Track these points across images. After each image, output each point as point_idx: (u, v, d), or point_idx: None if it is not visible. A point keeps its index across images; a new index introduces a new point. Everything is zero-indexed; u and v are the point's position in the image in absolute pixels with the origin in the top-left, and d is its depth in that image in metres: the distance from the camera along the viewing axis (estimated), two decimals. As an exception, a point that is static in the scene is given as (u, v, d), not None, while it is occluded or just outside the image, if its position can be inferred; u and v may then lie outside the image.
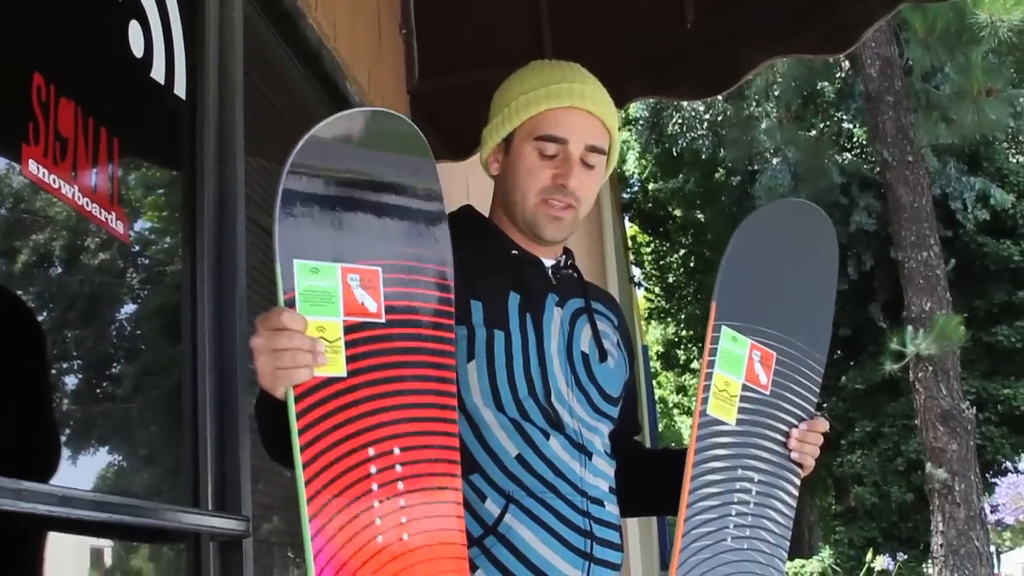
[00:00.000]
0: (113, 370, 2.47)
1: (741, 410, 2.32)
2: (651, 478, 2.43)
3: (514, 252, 2.30)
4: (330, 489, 1.77)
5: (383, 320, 1.90)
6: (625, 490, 2.33)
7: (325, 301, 1.82)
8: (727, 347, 2.31)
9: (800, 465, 2.38)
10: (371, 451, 1.84)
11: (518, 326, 2.19)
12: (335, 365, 1.81)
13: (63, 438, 2.20)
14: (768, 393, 2.36)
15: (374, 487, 1.83)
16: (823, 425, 2.39)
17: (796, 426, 2.37)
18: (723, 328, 2.30)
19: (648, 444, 9.01)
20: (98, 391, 2.41)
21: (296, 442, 1.75)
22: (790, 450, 2.36)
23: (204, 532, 2.34)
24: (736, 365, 2.31)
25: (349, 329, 1.85)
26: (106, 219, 2.09)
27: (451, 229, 2.29)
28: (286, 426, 1.77)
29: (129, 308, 2.54)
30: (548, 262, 2.33)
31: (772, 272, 2.40)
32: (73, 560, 2.28)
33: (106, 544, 2.41)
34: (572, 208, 2.26)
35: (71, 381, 2.32)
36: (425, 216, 2.02)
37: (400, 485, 1.87)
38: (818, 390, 2.44)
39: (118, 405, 2.45)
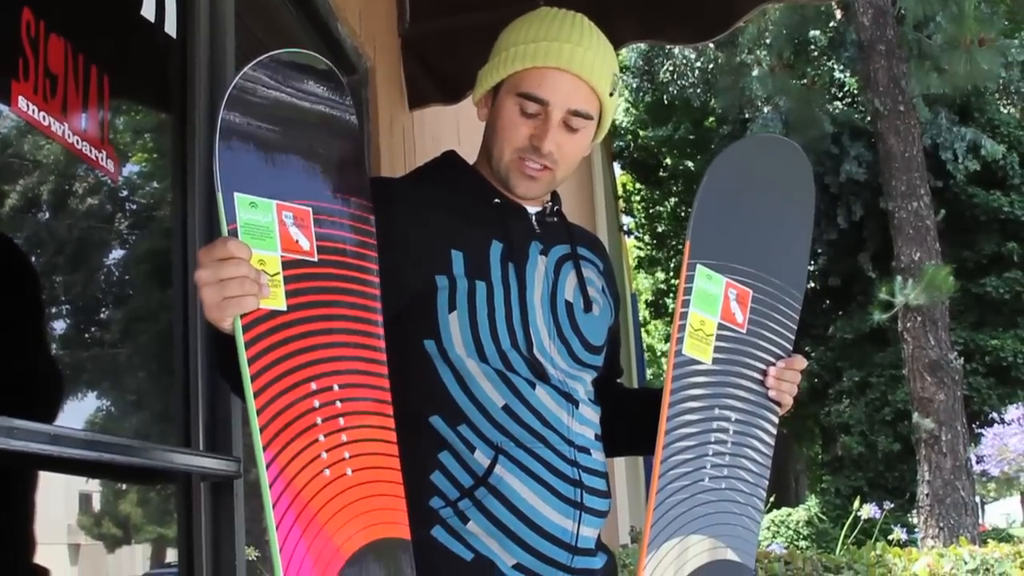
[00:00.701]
0: (103, 315, 2.47)
1: (717, 349, 2.30)
2: (629, 417, 2.43)
3: (497, 201, 2.26)
4: (280, 420, 1.80)
5: (315, 259, 1.93)
6: (606, 430, 2.33)
7: (264, 235, 1.85)
8: (702, 285, 2.29)
9: (778, 403, 2.37)
10: (313, 385, 1.87)
11: (500, 277, 2.17)
12: (276, 299, 1.84)
13: (55, 384, 2.20)
14: (744, 331, 2.35)
15: (318, 420, 1.86)
16: (801, 363, 2.38)
17: (774, 364, 2.36)
18: (698, 266, 2.28)
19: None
20: (87, 336, 2.41)
21: (246, 373, 1.77)
22: (768, 388, 2.35)
23: (195, 472, 2.35)
24: (711, 304, 2.30)
25: (285, 265, 1.87)
26: (96, 158, 2.09)
27: (431, 175, 2.30)
28: (236, 359, 1.79)
29: (119, 252, 2.53)
30: (532, 210, 2.30)
31: (747, 209, 2.37)
32: (63, 501, 2.29)
33: (97, 488, 2.42)
34: (549, 170, 2.21)
35: (60, 324, 2.32)
36: (345, 159, 2.05)
37: (341, 421, 1.90)
38: (795, 327, 2.42)
39: (107, 350, 2.45)
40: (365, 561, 1.86)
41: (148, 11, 2.33)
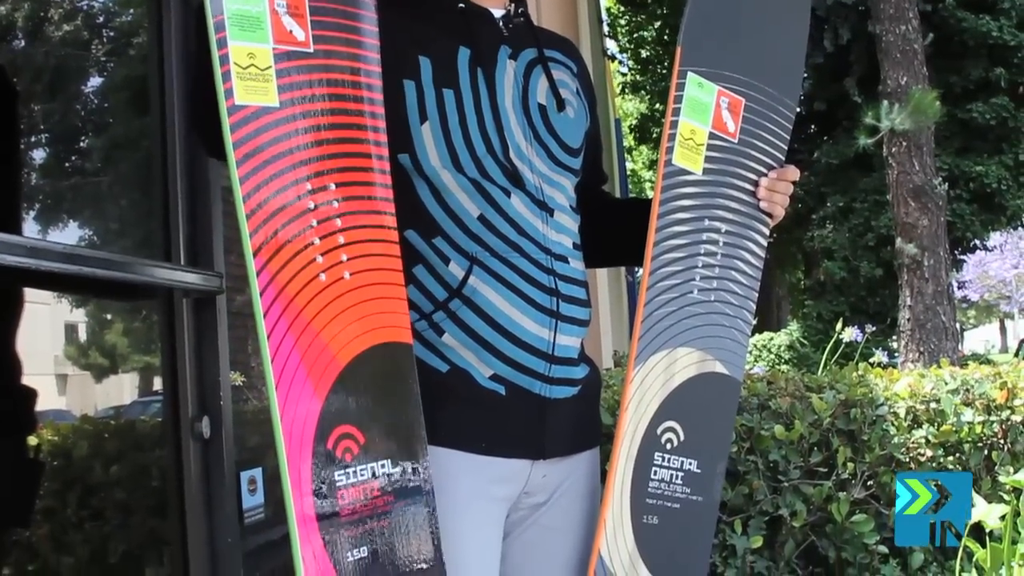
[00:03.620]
0: (82, 143, 2.44)
1: (708, 159, 2.27)
2: (617, 225, 2.42)
3: (461, 5, 2.20)
4: (272, 224, 1.74)
5: (311, 50, 1.84)
6: (591, 238, 2.31)
7: (254, 27, 1.76)
8: (693, 93, 2.25)
9: (769, 215, 2.35)
10: (308, 186, 1.80)
11: (469, 83, 2.12)
12: (267, 95, 1.76)
13: (33, 208, 2.17)
14: (736, 141, 2.31)
15: (313, 223, 1.80)
16: (793, 173, 2.36)
17: (765, 175, 2.34)
18: (689, 74, 2.24)
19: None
20: (67, 165, 2.37)
21: (235, 176, 1.71)
22: (759, 199, 2.33)
23: (177, 288, 2.33)
24: (702, 112, 2.26)
25: (278, 58, 1.79)
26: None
27: None
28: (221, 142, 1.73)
29: (96, 80, 2.48)
30: (497, 12, 2.24)
31: (741, 15, 2.32)
32: (49, 332, 2.28)
33: (83, 318, 2.41)
34: None
35: (39, 153, 2.28)
36: None
37: (338, 222, 1.84)
38: (788, 138, 2.38)
39: (87, 178, 2.41)
40: (363, 368, 1.83)
41: None
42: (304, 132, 1.81)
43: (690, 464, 2.26)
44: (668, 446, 2.23)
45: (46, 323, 2.27)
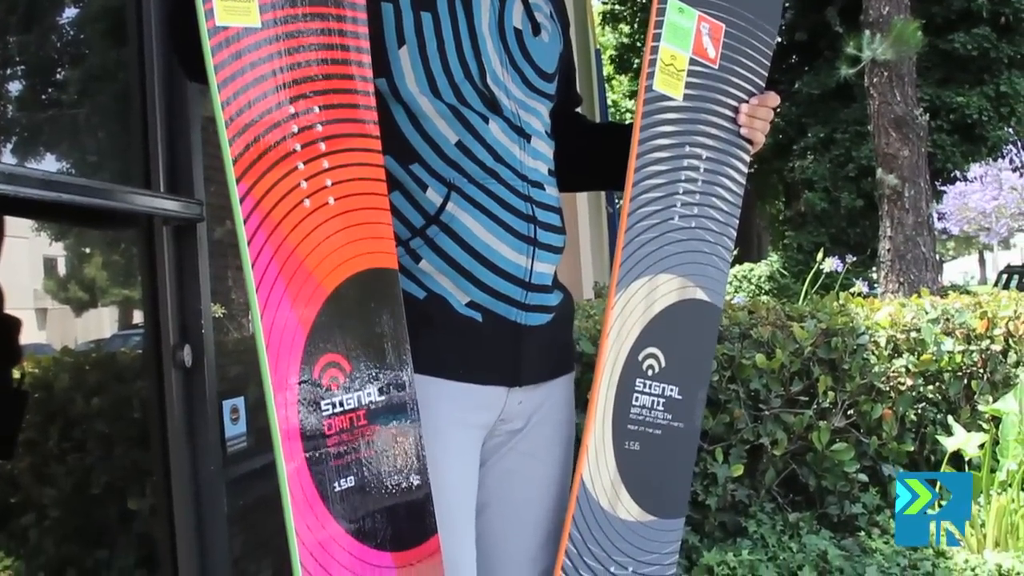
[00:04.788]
0: (59, 75, 2.41)
1: (688, 85, 2.26)
2: (594, 149, 2.41)
3: None
4: (255, 148, 1.71)
5: None
6: (567, 162, 2.31)
7: None
8: (673, 19, 2.23)
9: (750, 141, 2.35)
10: (292, 109, 1.77)
11: (446, 6, 2.10)
12: (249, 15, 1.73)
13: (11, 140, 2.15)
14: (716, 67, 2.30)
15: (297, 147, 1.77)
16: (774, 99, 2.35)
17: (746, 101, 2.33)
18: None
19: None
20: (43, 97, 2.35)
21: (216, 98, 1.68)
22: (739, 126, 2.33)
23: (157, 215, 2.31)
24: (683, 38, 2.25)
25: None
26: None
27: None
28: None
29: (72, 11, 2.46)
30: None
31: None
32: (28, 266, 2.26)
33: (63, 252, 2.39)
34: None
35: (15, 85, 2.26)
36: None
37: (322, 146, 1.81)
38: (768, 64, 2.38)
39: (65, 110, 2.39)
40: (349, 296, 1.82)
41: None
42: (287, 54, 1.78)
43: (671, 391, 2.27)
44: (650, 372, 2.24)
45: (24, 257, 2.26)
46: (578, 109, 2.49)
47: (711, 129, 2.31)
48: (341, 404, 1.80)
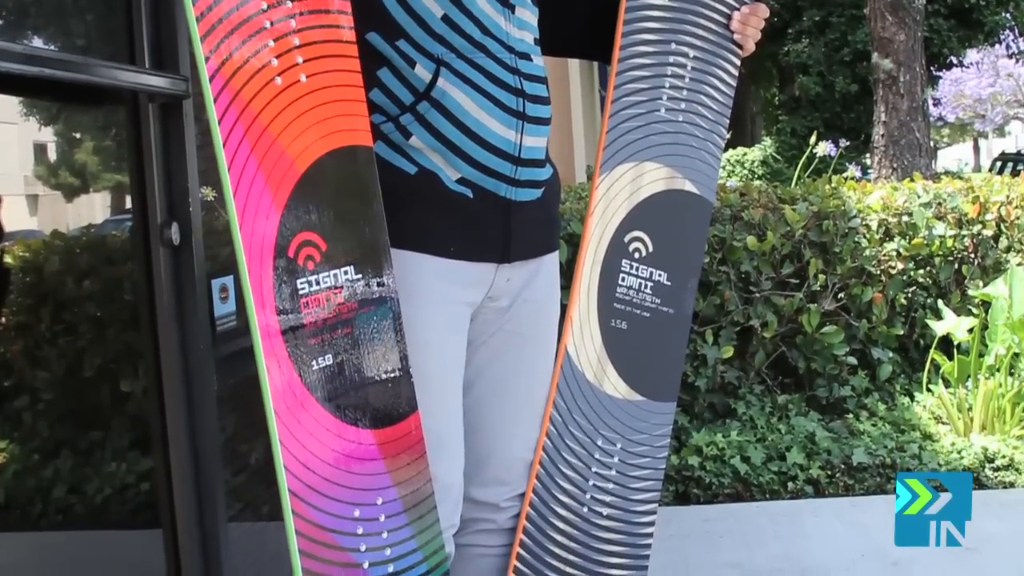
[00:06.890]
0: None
1: None
2: (579, 19, 2.42)
3: None
4: (224, 26, 1.69)
5: None
6: (553, 23, 2.31)
7: None
8: None
9: (740, 47, 2.40)
10: None
11: None
12: None
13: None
14: None
15: (267, 24, 1.76)
16: (764, 11, 2.39)
17: (736, 8, 2.38)
18: None
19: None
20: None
21: None
22: (732, 32, 2.37)
23: (142, 91, 2.28)
24: None
25: None
26: None
27: None
28: None
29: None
30: None
31: None
32: (17, 152, 2.24)
33: (52, 138, 2.37)
34: None
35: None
36: None
37: (292, 23, 1.80)
38: None
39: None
40: (323, 173, 1.81)
41: None
42: None
43: (659, 275, 2.31)
44: (636, 255, 2.29)
45: (14, 142, 2.24)
46: None
47: (699, 31, 2.35)
48: (317, 283, 1.80)
